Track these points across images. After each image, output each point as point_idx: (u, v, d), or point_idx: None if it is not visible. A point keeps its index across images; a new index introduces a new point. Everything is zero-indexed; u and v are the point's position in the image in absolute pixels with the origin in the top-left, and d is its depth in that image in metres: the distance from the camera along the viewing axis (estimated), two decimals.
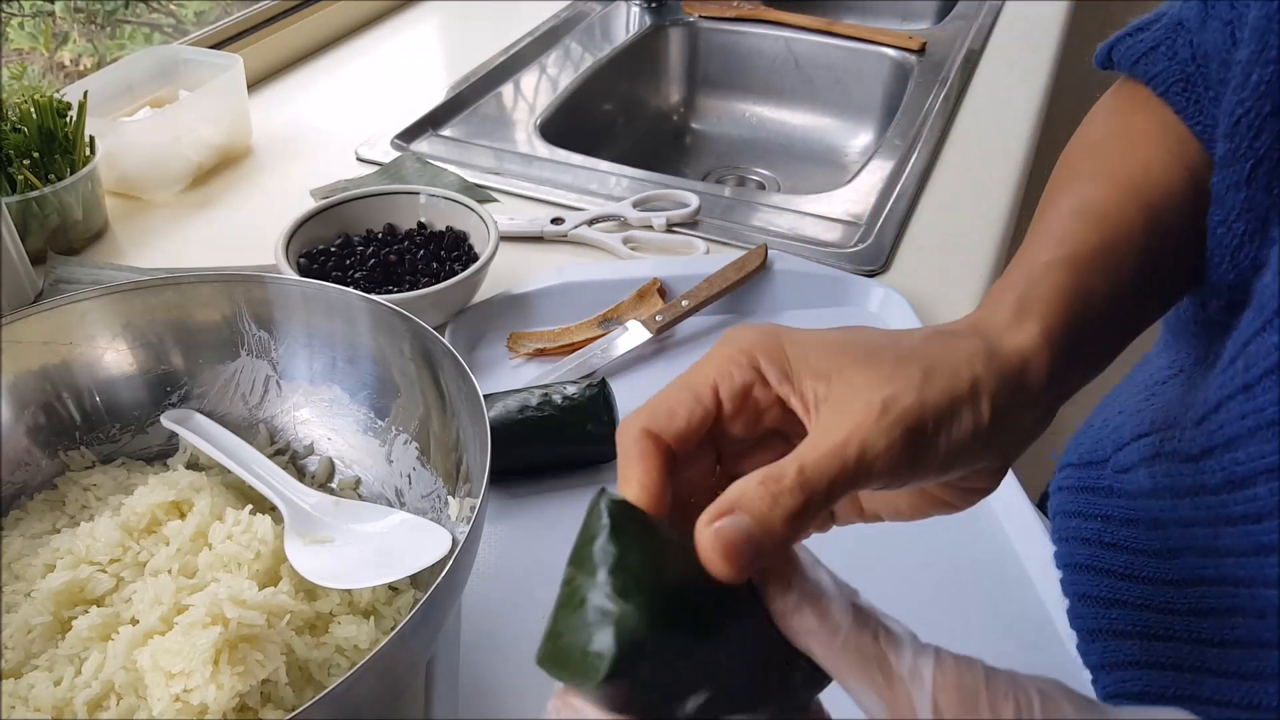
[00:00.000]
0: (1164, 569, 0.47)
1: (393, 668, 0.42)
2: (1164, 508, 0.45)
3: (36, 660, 0.47)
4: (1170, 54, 0.45)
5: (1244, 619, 0.40)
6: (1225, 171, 0.41)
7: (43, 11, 1.16)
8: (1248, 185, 0.40)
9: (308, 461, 0.61)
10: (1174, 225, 0.42)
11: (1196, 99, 0.44)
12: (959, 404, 0.32)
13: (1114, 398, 0.58)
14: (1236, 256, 0.41)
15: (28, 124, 0.81)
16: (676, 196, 0.90)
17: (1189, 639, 0.44)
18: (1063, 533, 0.55)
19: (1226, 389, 0.37)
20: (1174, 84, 0.45)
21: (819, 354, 0.32)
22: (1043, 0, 1.30)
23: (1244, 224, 0.41)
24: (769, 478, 0.29)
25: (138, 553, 0.51)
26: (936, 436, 0.31)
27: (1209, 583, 0.43)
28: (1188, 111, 0.45)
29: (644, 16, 1.30)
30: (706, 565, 0.28)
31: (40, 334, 0.56)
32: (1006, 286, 0.37)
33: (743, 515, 0.28)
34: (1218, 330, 0.45)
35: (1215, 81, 0.43)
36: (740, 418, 0.33)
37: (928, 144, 1.00)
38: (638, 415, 0.32)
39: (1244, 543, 0.38)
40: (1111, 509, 0.51)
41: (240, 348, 0.60)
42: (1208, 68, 0.44)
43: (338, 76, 1.15)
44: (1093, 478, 0.54)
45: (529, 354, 0.73)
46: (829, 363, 0.32)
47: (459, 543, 0.45)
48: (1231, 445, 0.37)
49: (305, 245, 0.76)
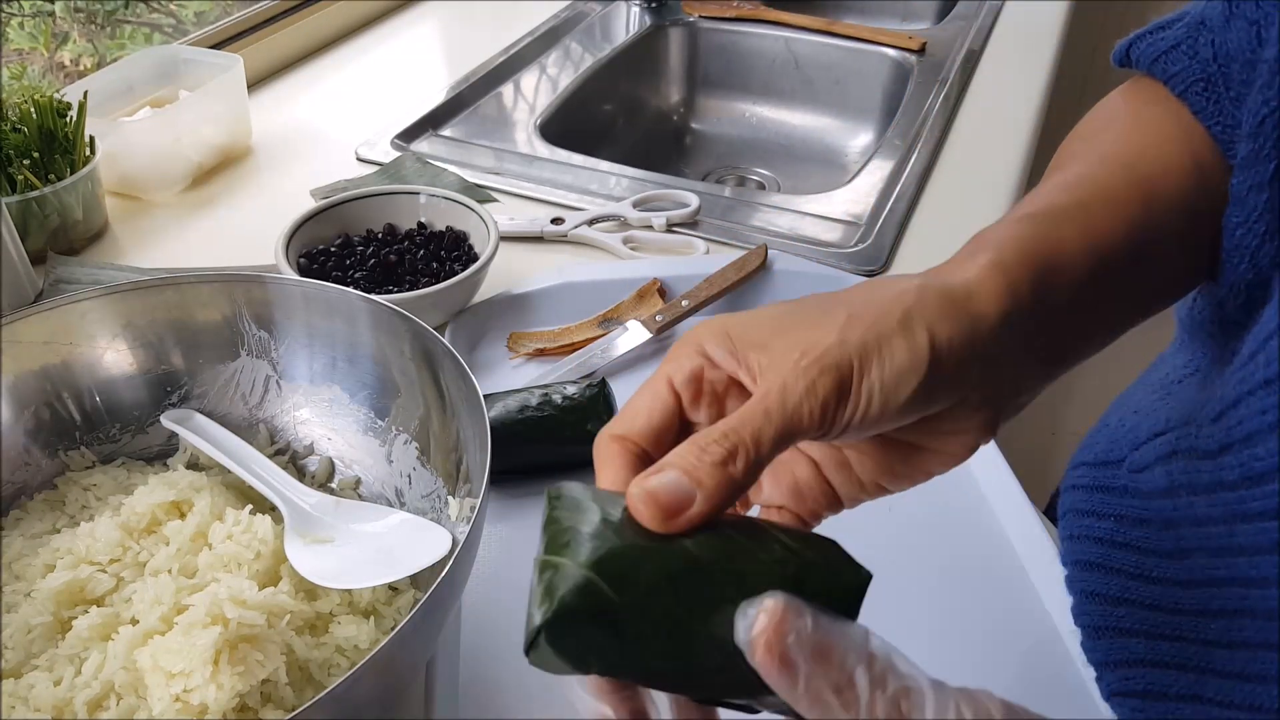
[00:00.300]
0: (1174, 569, 0.46)
1: (393, 668, 0.42)
2: (1178, 506, 0.45)
3: (36, 660, 0.47)
4: (1191, 53, 0.45)
5: (1252, 620, 0.40)
6: (1247, 172, 0.40)
7: (43, 11, 1.16)
8: (1270, 185, 0.39)
9: (308, 461, 0.61)
10: (1173, 200, 0.41)
11: (1217, 98, 0.44)
12: (888, 338, 0.32)
13: (1128, 398, 0.57)
14: (1256, 256, 0.41)
15: (28, 124, 0.81)
16: (676, 196, 0.90)
17: (1195, 639, 0.44)
18: (1072, 530, 0.55)
19: (1246, 384, 0.37)
20: (1194, 83, 0.44)
21: (759, 327, 0.33)
22: (1043, 0, 1.30)
23: (1265, 224, 0.40)
24: (697, 437, 0.30)
25: (138, 553, 0.51)
26: (866, 373, 0.32)
27: (1219, 583, 0.42)
28: (1206, 111, 0.44)
29: (644, 16, 1.30)
30: (637, 517, 0.29)
31: (40, 334, 0.56)
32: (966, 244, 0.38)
33: (669, 469, 0.30)
34: (1234, 329, 0.45)
35: (1237, 82, 0.43)
36: (701, 403, 0.34)
37: (928, 144, 1.00)
38: (608, 425, 0.34)
39: (1259, 540, 0.38)
40: (1125, 508, 0.51)
41: (240, 348, 0.60)
42: (1229, 68, 0.43)
43: (338, 76, 1.15)
44: (1107, 477, 0.53)
45: (529, 354, 0.73)
46: (766, 332, 0.33)
47: (459, 543, 0.45)
48: (1251, 441, 0.37)
49: (305, 245, 0.76)
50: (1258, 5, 0.41)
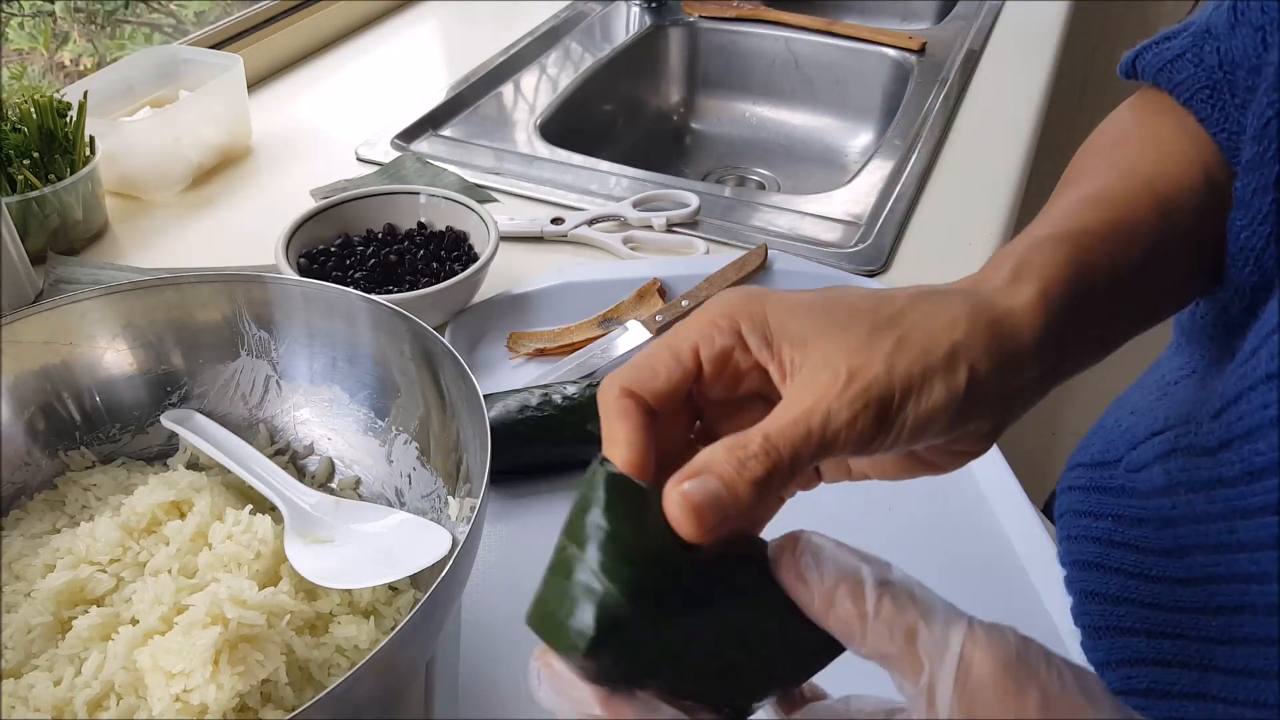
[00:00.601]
0: (1173, 568, 0.46)
1: (393, 668, 0.42)
2: (1177, 504, 0.45)
3: (36, 660, 0.47)
4: (1196, 60, 0.45)
5: (1253, 616, 0.40)
6: (1252, 175, 0.40)
7: (43, 11, 1.16)
8: (1275, 188, 0.40)
9: (308, 461, 0.61)
10: (1187, 218, 0.41)
11: (1222, 105, 0.44)
12: (931, 374, 0.32)
13: (1125, 400, 0.57)
14: (1261, 258, 0.41)
15: (28, 124, 0.81)
16: (676, 196, 0.90)
17: (1197, 637, 0.44)
18: (1070, 531, 0.55)
19: (1247, 380, 0.37)
20: (1199, 91, 0.44)
21: (799, 319, 0.33)
22: (1043, 0, 1.30)
23: (1270, 226, 0.40)
24: (735, 444, 0.30)
25: (138, 553, 0.51)
26: (904, 407, 0.31)
27: (1219, 580, 0.43)
28: (1211, 119, 0.44)
29: (644, 16, 1.30)
30: (674, 525, 0.29)
31: (40, 334, 0.56)
32: (1007, 254, 0.37)
33: (709, 477, 0.29)
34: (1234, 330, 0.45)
35: (1242, 89, 0.43)
36: (720, 381, 0.34)
37: (928, 144, 1.00)
38: (619, 374, 0.33)
39: (1259, 536, 0.38)
40: (1122, 508, 0.51)
41: (240, 348, 0.60)
42: (1235, 75, 0.43)
43: (338, 76, 1.15)
44: (1104, 477, 0.54)
45: (529, 354, 0.73)
46: (807, 329, 0.32)
47: (459, 543, 0.45)
48: (1251, 436, 0.37)
49: (305, 245, 0.76)
50: (1263, 10, 0.41)
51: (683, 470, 0.30)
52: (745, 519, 0.30)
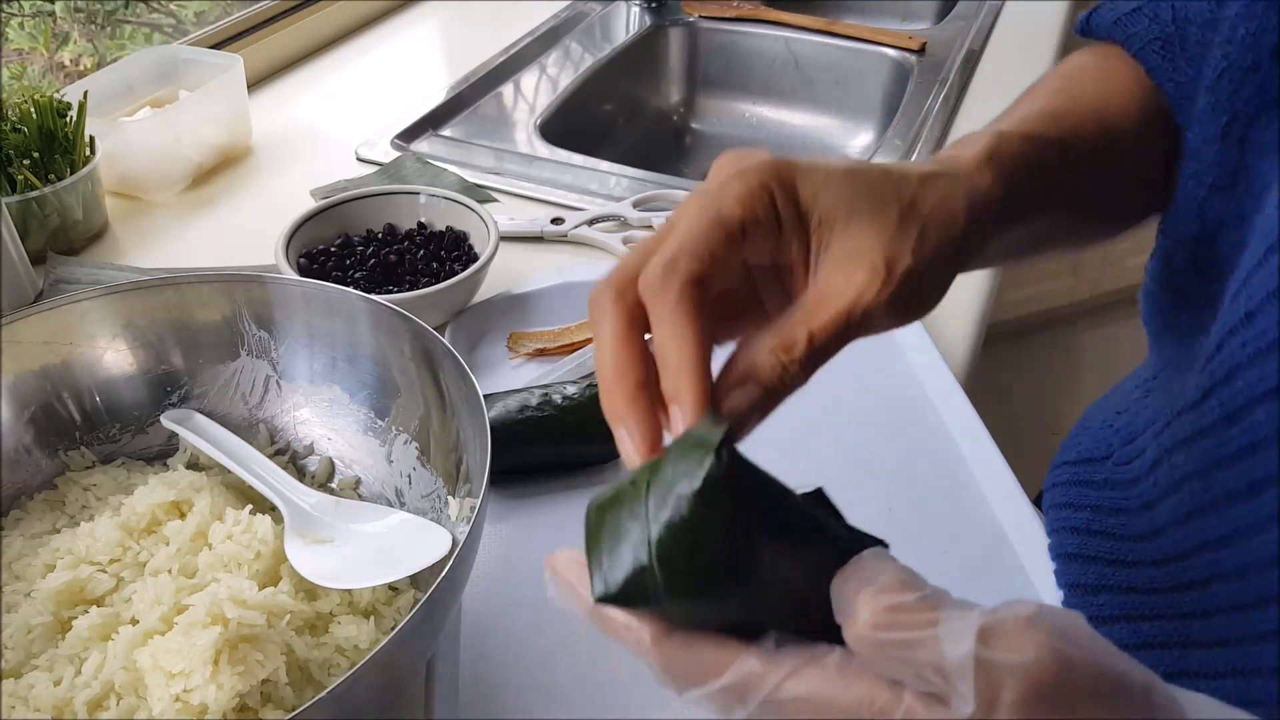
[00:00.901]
0: (1147, 550, 0.47)
1: (393, 668, 0.42)
2: (1159, 480, 0.46)
3: (36, 660, 0.47)
4: (1152, 15, 0.47)
5: (1224, 584, 0.41)
6: (1202, 126, 0.42)
7: (43, 11, 1.17)
8: (1222, 140, 0.41)
9: (308, 461, 0.61)
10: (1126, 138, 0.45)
11: (1172, 57, 0.46)
12: (945, 265, 0.34)
13: (1106, 403, 0.59)
14: (1204, 209, 0.43)
15: (28, 124, 0.81)
16: (676, 196, 0.90)
17: (1172, 615, 0.45)
18: (1054, 524, 0.56)
19: (1228, 324, 0.38)
20: (1150, 43, 0.46)
21: (830, 193, 0.33)
22: (1043, 0, 1.30)
23: (1213, 176, 0.42)
24: (779, 346, 0.31)
25: (138, 553, 0.51)
26: (927, 300, 0.34)
27: (1189, 555, 0.43)
28: (1161, 70, 0.46)
29: (644, 16, 1.30)
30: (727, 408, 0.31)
31: (40, 334, 0.56)
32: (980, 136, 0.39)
33: (754, 387, 0.31)
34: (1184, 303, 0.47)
35: (1194, 42, 0.45)
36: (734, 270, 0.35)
37: (928, 144, 1.00)
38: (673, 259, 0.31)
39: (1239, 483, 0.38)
40: (1101, 500, 0.52)
41: (240, 348, 0.60)
42: (1187, 30, 0.45)
43: (338, 76, 1.15)
44: (1088, 472, 0.55)
45: (529, 354, 0.73)
46: (838, 207, 0.33)
47: (459, 543, 0.45)
48: (1231, 377, 0.37)
49: (305, 245, 0.76)
50: None
51: (729, 373, 0.31)
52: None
